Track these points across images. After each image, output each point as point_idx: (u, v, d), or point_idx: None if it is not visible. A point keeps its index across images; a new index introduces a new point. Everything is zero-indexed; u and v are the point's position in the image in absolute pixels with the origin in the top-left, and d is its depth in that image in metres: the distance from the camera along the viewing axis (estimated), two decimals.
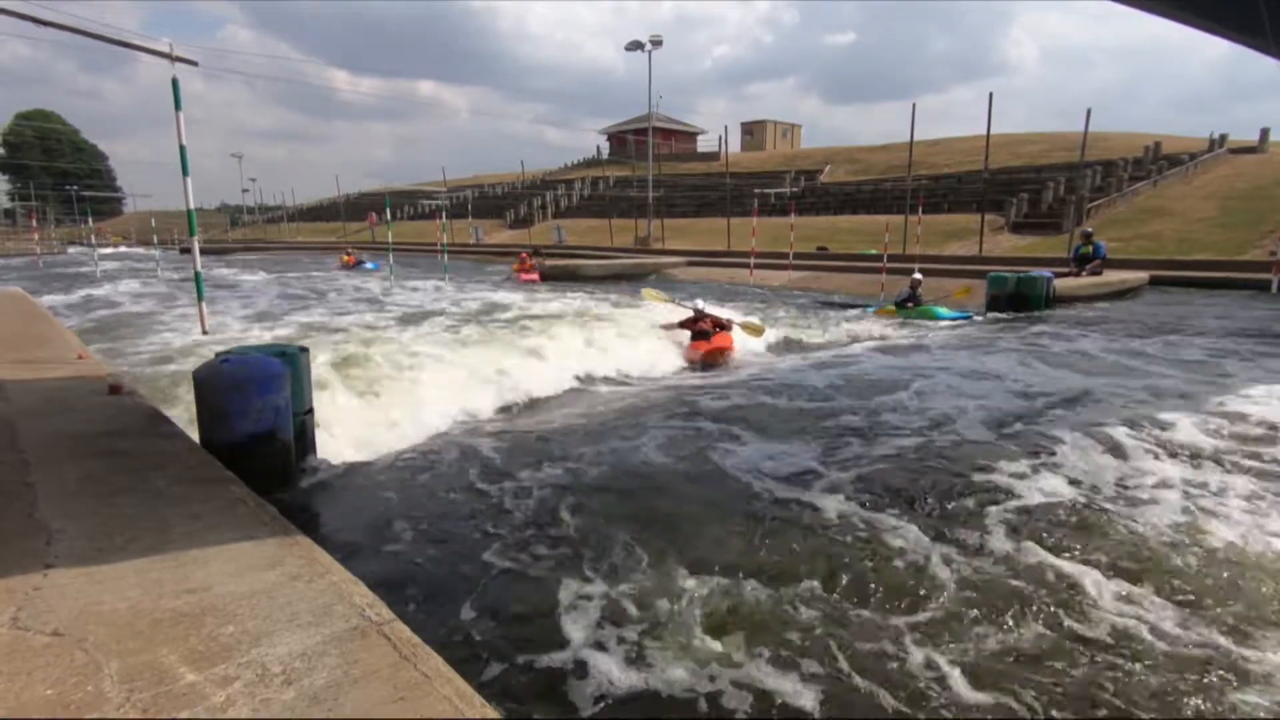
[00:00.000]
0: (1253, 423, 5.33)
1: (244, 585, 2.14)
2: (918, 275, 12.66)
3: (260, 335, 9.89)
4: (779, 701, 2.39)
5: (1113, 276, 14.42)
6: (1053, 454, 4.70)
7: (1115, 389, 6.45)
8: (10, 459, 3.22)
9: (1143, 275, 15.10)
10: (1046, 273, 12.73)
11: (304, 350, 4.41)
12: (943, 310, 12.27)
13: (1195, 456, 4.65)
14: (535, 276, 19.94)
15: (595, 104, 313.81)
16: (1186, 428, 5.18)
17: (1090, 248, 14.89)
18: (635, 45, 32.72)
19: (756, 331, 9.41)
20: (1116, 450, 4.75)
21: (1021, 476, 4.32)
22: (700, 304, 9.73)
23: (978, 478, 4.33)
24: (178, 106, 6.38)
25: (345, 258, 27.45)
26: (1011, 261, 17.26)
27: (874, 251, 19.71)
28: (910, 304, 12.32)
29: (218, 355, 4.06)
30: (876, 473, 4.45)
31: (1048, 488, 4.15)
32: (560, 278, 20.06)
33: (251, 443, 3.74)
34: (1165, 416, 5.46)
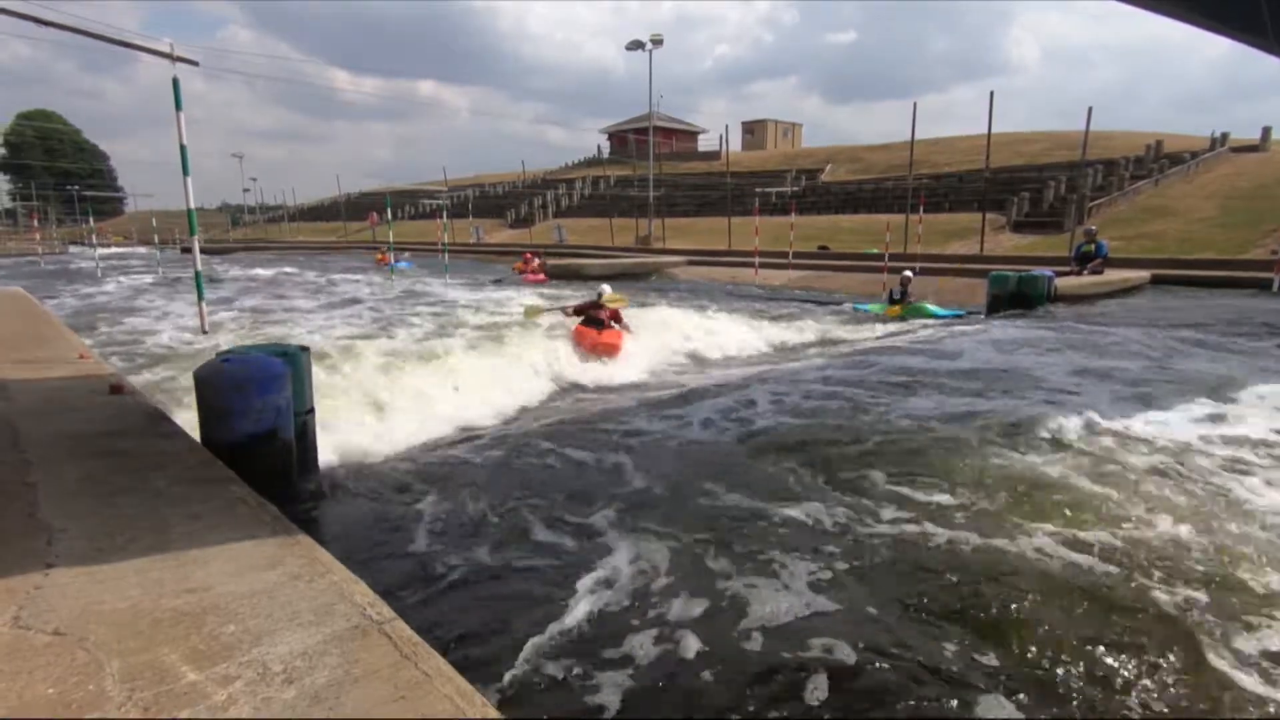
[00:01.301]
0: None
1: (245, 584, 2.14)
2: (908, 274, 12.79)
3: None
4: (780, 699, 2.39)
5: (1114, 275, 14.41)
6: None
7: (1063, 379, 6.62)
8: (11, 459, 3.22)
9: (1144, 274, 15.08)
10: (1048, 272, 12.72)
11: (305, 350, 4.41)
12: (936, 308, 12.29)
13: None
14: (541, 276, 20.18)
15: (596, 103, 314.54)
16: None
17: (1093, 246, 14.87)
18: (636, 45, 32.71)
19: (619, 303, 9.84)
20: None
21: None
22: (606, 289, 9.20)
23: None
24: (178, 106, 6.39)
25: (379, 257, 27.91)
26: (1013, 260, 17.23)
27: (875, 251, 19.69)
28: (902, 302, 12.39)
29: (219, 354, 4.07)
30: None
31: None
32: (563, 277, 20.17)
33: (252, 442, 3.74)
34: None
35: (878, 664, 2.54)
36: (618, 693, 2.41)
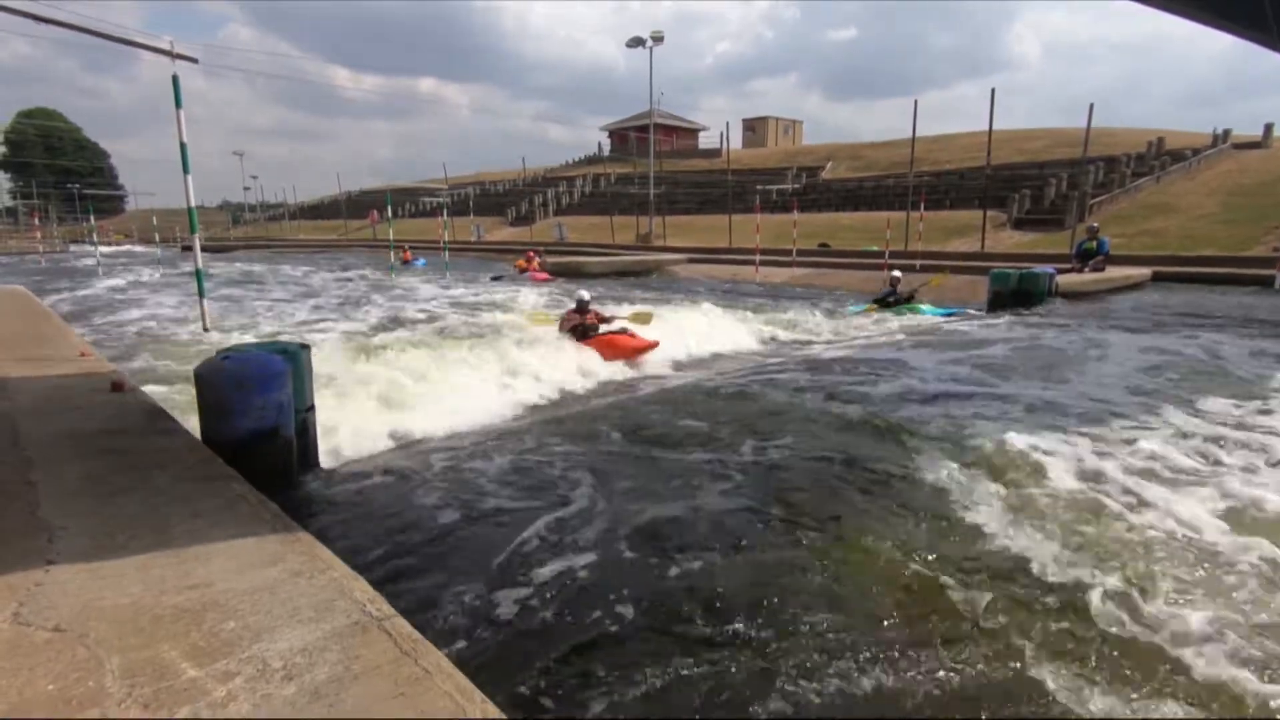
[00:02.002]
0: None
1: (245, 581, 2.14)
2: (896, 273, 13.01)
3: None
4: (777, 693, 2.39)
5: (1115, 273, 14.40)
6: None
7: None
8: (12, 457, 3.22)
9: (1145, 271, 15.08)
10: (1049, 269, 12.72)
11: (305, 347, 4.41)
12: (927, 307, 12.28)
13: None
14: (545, 275, 20.22)
15: (597, 101, 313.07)
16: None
17: (1094, 243, 14.86)
18: (637, 41, 32.63)
19: (645, 319, 8.88)
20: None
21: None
22: (584, 295, 8.80)
23: None
24: (178, 104, 6.39)
25: (405, 255, 28.04)
26: (1014, 258, 17.23)
27: (876, 248, 19.68)
28: (891, 301, 12.45)
29: (220, 352, 4.07)
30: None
31: None
32: (564, 275, 20.18)
33: (253, 440, 3.74)
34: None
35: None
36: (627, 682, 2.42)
